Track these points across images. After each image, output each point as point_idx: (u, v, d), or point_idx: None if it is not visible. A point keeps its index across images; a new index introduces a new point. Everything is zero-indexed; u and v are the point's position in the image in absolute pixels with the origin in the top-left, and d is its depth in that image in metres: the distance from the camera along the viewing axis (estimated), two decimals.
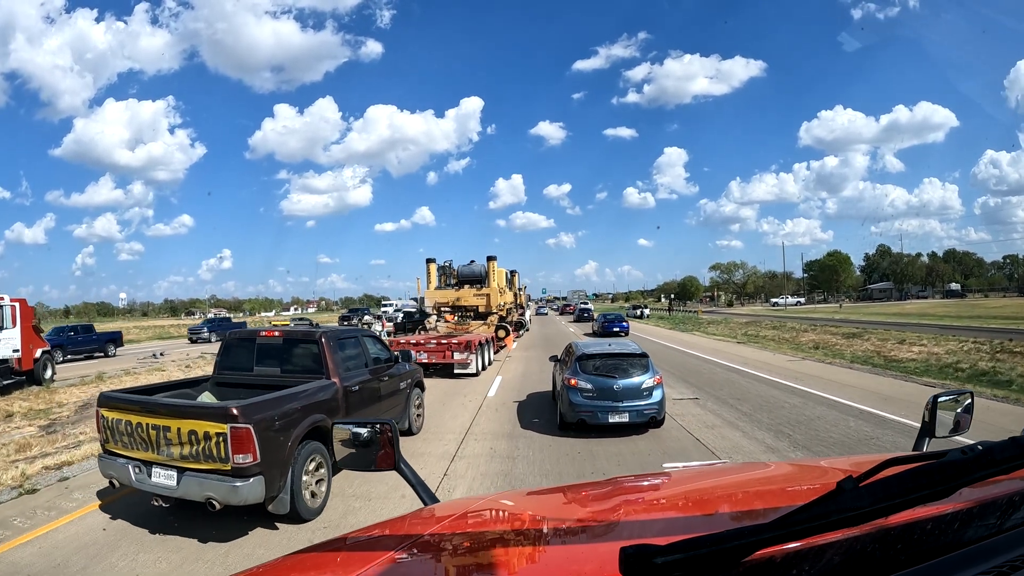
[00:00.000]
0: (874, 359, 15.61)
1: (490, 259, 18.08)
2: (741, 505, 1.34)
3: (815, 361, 15.67)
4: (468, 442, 7.23)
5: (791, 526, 0.61)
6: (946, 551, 0.73)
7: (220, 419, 4.14)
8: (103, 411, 4.66)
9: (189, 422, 4.21)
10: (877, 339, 20.29)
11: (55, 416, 9.64)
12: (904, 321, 30.93)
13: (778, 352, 18.48)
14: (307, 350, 5.85)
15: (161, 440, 4.30)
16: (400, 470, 1.52)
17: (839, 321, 32.87)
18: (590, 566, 0.90)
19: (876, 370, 13.54)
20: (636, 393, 7.20)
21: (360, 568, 0.92)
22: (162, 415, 4.35)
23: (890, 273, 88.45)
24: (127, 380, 13.49)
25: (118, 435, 4.54)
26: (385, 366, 6.85)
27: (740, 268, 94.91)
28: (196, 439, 4.17)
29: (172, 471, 4.29)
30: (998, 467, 0.66)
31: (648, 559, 0.57)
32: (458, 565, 1.03)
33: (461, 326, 17.41)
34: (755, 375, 12.89)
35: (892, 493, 0.63)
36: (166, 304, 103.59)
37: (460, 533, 1.17)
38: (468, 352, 12.98)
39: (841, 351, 17.90)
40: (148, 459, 4.39)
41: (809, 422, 7.91)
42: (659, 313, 56.66)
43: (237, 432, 4.09)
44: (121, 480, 4.58)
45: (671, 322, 41.21)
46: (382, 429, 1.56)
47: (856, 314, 42.99)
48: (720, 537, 0.59)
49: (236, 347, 6.24)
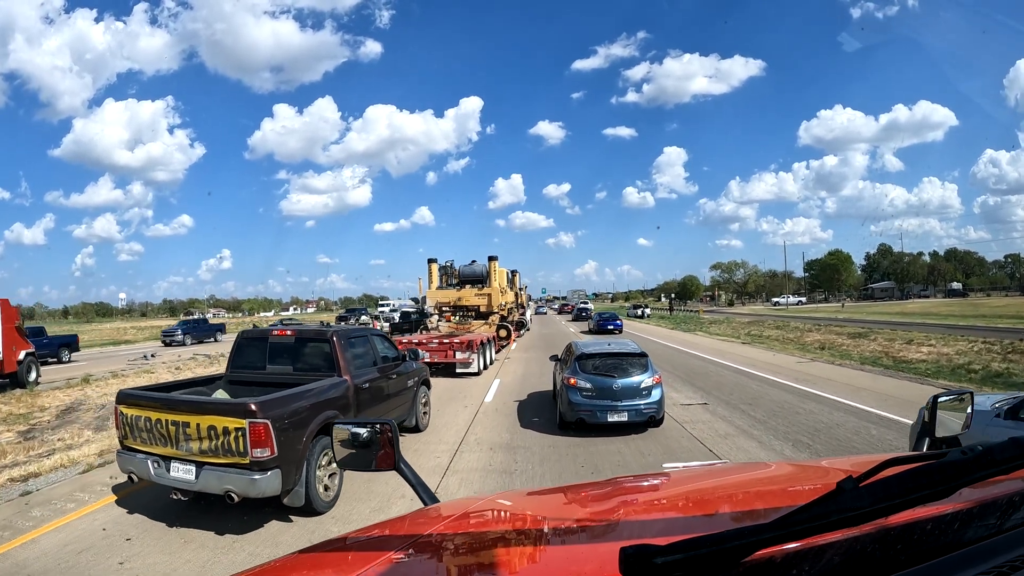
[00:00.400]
0: (883, 360, 15.23)
1: (491, 259, 18.21)
2: (741, 505, 1.34)
3: (824, 363, 15.21)
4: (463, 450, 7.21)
5: (791, 526, 0.61)
6: (946, 551, 0.73)
7: (239, 415, 4.24)
8: (122, 408, 4.74)
9: (208, 418, 4.31)
10: (884, 339, 19.93)
11: (35, 421, 9.37)
12: (908, 321, 30.55)
13: (784, 353, 18.09)
14: (319, 349, 5.97)
15: (180, 436, 4.40)
16: (400, 470, 1.52)
17: (843, 321, 32.45)
18: (590, 566, 0.90)
19: (888, 372, 13.07)
20: (635, 392, 7.22)
21: (360, 568, 0.92)
22: (182, 411, 4.44)
23: (891, 272, 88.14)
24: (114, 383, 13.15)
25: (137, 431, 4.62)
26: (393, 364, 6.97)
27: (741, 267, 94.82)
28: (215, 434, 4.28)
29: (191, 465, 4.38)
30: (998, 467, 0.66)
31: (648, 559, 0.57)
32: (458, 565, 1.03)
33: (462, 326, 17.48)
34: (764, 377, 12.43)
35: (892, 493, 0.63)
36: (165, 304, 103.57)
37: (460, 533, 1.17)
38: (470, 351, 13.05)
39: (848, 352, 17.48)
40: (167, 454, 4.49)
41: (828, 429, 7.51)
42: (660, 313, 56.49)
43: (256, 427, 4.20)
44: (140, 475, 4.65)
45: (672, 322, 40.61)
46: (382, 429, 1.55)
47: (859, 313, 42.45)
48: (720, 537, 0.59)
49: (249, 346, 6.34)
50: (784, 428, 7.68)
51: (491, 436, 7.53)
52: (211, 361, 18.46)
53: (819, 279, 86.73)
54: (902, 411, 8.08)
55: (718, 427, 7.80)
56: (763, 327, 29.28)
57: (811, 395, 10.11)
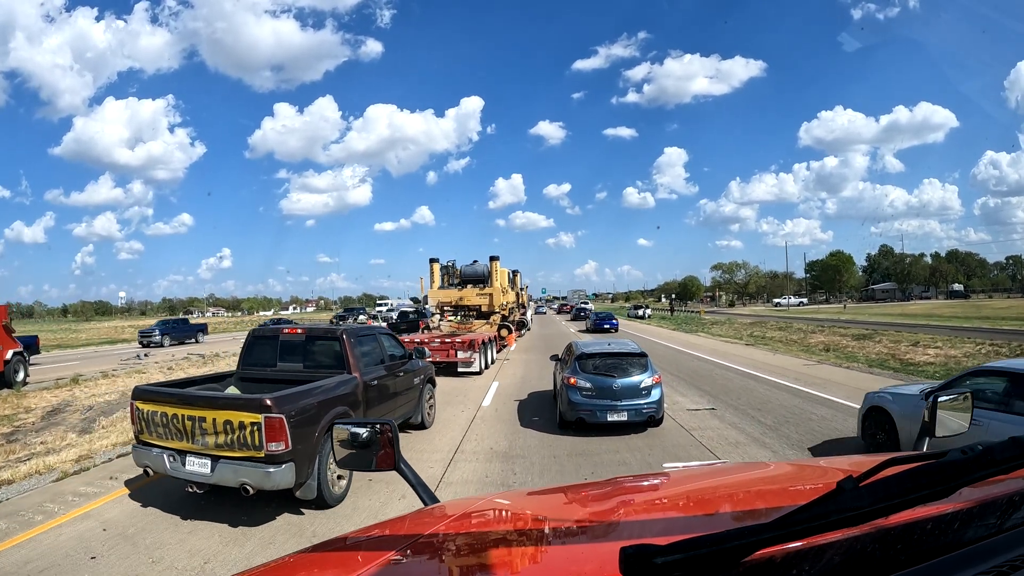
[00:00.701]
0: (889, 362, 15.04)
1: (493, 259, 18.31)
2: (741, 505, 1.34)
3: (831, 365, 14.88)
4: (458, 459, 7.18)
5: (791, 526, 0.61)
6: (946, 551, 0.73)
7: (255, 409, 4.37)
8: (138, 404, 4.86)
9: (225, 413, 4.44)
10: (889, 341, 19.70)
11: (20, 422, 9.13)
12: (912, 322, 30.40)
13: (789, 355, 17.77)
14: (329, 347, 6.13)
15: (196, 430, 4.51)
16: (400, 470, 1.52)
17: (845, 322, 32.24)
18: (590, 566, 0.90)
19: (898, 375, 12.69)
20: (635, 392, 7.24)
21: (360, 568, 0.92)
22: (198, 407, 4.56)
23: (893, 273, 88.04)
24: (104, 383, 13.08)
25: (153, 426, 4.74)
26: (399, 362, 7.11)
27: (742, 268, 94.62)
28: (231, 428, 4.40)
29: (206, 459, 4.50)
30: (998, 467, 0.66)
31: (648, 559, 0.57)
32: (458, 565, 1.03)
33: (464, 325, 17.60)
34: (772, 381, 12.09)
35: (892, 493, 0.63)
36: (164, 303, 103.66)
37: (460, 533, 1.17)
38: (472, 351, 13.16)
39: (854, 353, 17.24)
40: (182, 448, 4.60)
41: (846, 438, 7.20)
42: (660, 313, 56.46)
43: (271, 421, 4.33)
44: (155, 468, 4.75)
45: (673, 322, 40.38)
46: (382, 429, 1.55)
47: (861, 315, 42.23)
48: (720, 537, 0.59)
49: (260, 344, 6.47)
50: (797, 436, 7.36)
51: (489, 442, 7.21)
52: (204, 361, 18.30)
53: (820, 280, 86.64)
54: None
55: (728, 434, 7.52)
56: (766, 328, 29.07)
57: (822, 399, 9.74)
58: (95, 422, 8.92)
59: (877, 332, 22.91)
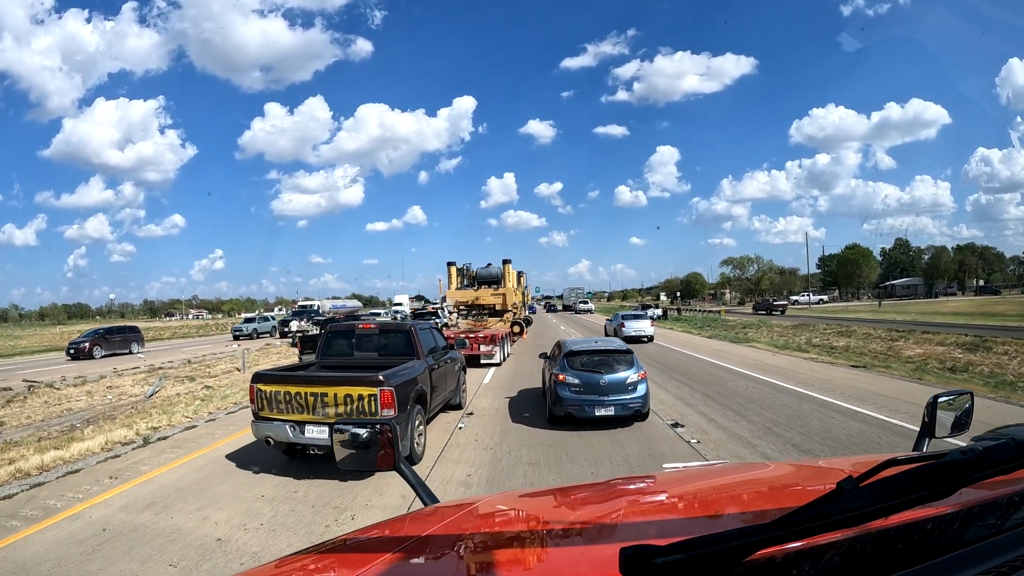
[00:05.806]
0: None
1: (505, 262, 20.01)
2: (741, 505, 1.34)
3: (1002, 401, 8.74)
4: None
5: (791, 526, 0.61)
6: (946, 551, 0.73)
7: (371, 384, 5.46)
8: (259, 386, 5.81)
9: (345, 388, 5.49)
10: (1006, 350, 14.40)
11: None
12: (974, 323, 25.35)
13: (903, 378, 11.32)
14: (401, 338, 7.39)
15: (317, 404, 5.52)
16: (400, 470, 1.52)
17: (902, 324, 25.50)
18: (590, 566, 0.90)
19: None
20: (621, 387, 7.46)
21: (360, 568, 0.92)
22: (321, 384, 5.60)
23: (914, 268, 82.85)
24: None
25: (275, 403, 5.69)
26: (444, 351, 8.22)
27: (754, 262, 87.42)
28: (351, 400, 5.45)
29: (324, 427, 5.43)
30: (998, 467, 0.66)
31: (648, 559, 0.57)
32: (458, 566, 1.03)
33: (479, 323, 19.08)
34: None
35: (892, 493, 0.63)
36: (145, 305, 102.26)
37: (460, 534, 1.17)
38: (493, 344, 14.83)
39: (1002, 375, 11.20)
40: (302, 419, 5.58)
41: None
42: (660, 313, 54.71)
43: (384, 392, 5.44)
44: (277, 438, 5.69)
45: (690, 325, 31.97)
46: (382, 430, 1.55)
47: (902, 313, 34.67)
48: (720, 537, 0.59)
49: (336, 338, 7.73)
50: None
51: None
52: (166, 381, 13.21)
53: (835, 276, 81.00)
54: None
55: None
56: (820, 333, 22.78)
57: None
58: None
59: (987, 340, 16.40)
